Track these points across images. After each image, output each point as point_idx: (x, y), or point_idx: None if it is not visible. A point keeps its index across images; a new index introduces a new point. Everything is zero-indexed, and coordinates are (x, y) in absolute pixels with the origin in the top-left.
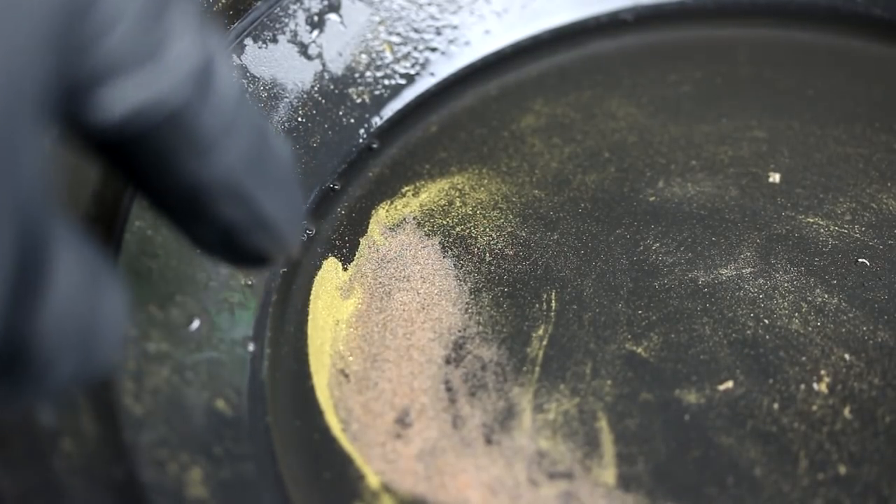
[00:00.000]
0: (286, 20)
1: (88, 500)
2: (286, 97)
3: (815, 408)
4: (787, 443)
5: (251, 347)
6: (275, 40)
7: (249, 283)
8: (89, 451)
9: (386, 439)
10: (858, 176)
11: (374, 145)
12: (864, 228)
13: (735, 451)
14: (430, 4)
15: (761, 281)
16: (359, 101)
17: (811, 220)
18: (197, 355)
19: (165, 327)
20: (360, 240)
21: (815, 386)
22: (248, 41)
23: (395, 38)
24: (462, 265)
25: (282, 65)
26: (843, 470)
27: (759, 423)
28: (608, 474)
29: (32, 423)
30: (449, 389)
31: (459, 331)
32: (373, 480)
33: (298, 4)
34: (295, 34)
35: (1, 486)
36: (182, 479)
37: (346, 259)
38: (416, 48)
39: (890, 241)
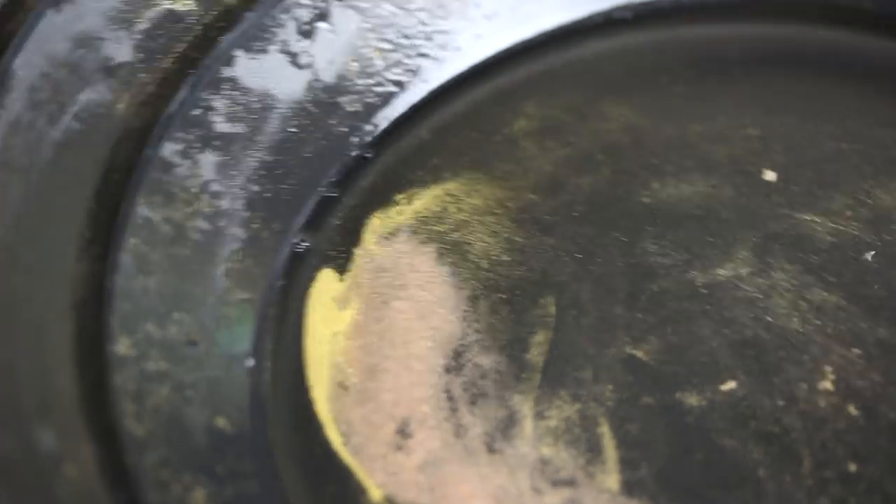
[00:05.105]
0: (276, 30)
1: None
2: (278, 108)
3: (817, 407)
4: (791, 443)
5: (250, 363)
6: (265, 51)
7: (246, 297)
8: (92, 476)
9: (387, 451)
10: (854, 172)
11: (367, 154)
12: (861, 224)
13: (738, 453)
14: (420, 10)
15: (759, 280)
16: (351, 109)
17: (808, 218)
18: (197, 373)
19: (164, 346)
20: (355, 250)
21: (817, 385)
22: (239, 53)
23: (385, 45)
24: (459, 272)
25: (273, 75)
26: (847, 469)
27: (762, 423)
28: (612, 480)
29: (34, 449)
30: (449, 399)
31: (458, 339)
32: (375, 494)
33: (288, 14)
34: (285, 44)
35: None
36: (185, 501)
37: (342, 270)
38: (406, 55)
39: (887, 237)
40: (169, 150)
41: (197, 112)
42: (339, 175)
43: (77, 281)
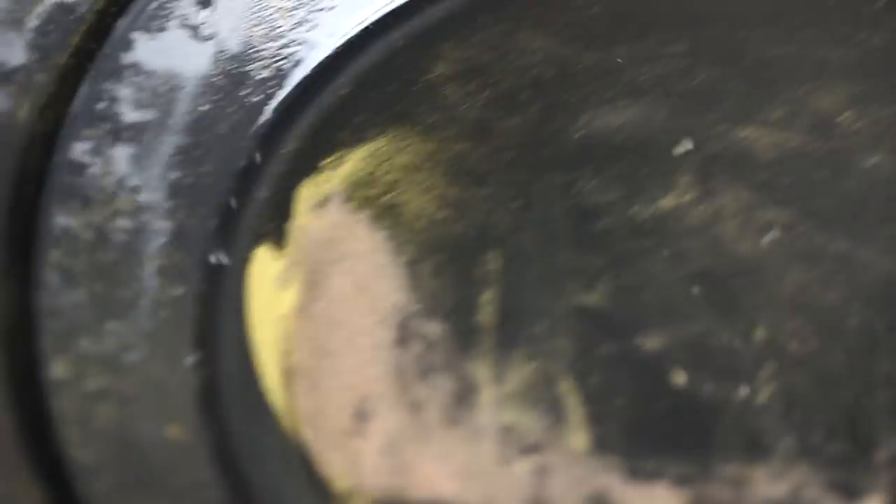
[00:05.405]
0: (173, 5)
1: None
2: (186, 87)
3: (780, 335)
4: (758, 379)
5: (194, 361)
6: (165, 28)
7: (181, 292)
8: None
9: (346, 438)
10: (788, 78)
11: (286, 120)
12: (801, 133)
13: (706, 396)
14: None
15: (703, 206)
16: (261, 77)
17: (746, 133)
18: (140, 383)
19: (102, 360)
20: (289, 224)
21: (778, 311)
22: (137, 35)
23: (287, 4)
24: (396, 237)
25: (176, 53)
26: (815, 399)
27: (727, 360)
28: (580, 440)
29: None
30: (402, 374)
31: (403, 309)
32: (340, 484)
33: None
34: (185, 18)
35: None
36: None
37: (278, 248)
38: (310, 10)
39: (830, 143)
40: (78, 150)
41: (102, 105)
42: (260, 147)
43: (1, 307)
